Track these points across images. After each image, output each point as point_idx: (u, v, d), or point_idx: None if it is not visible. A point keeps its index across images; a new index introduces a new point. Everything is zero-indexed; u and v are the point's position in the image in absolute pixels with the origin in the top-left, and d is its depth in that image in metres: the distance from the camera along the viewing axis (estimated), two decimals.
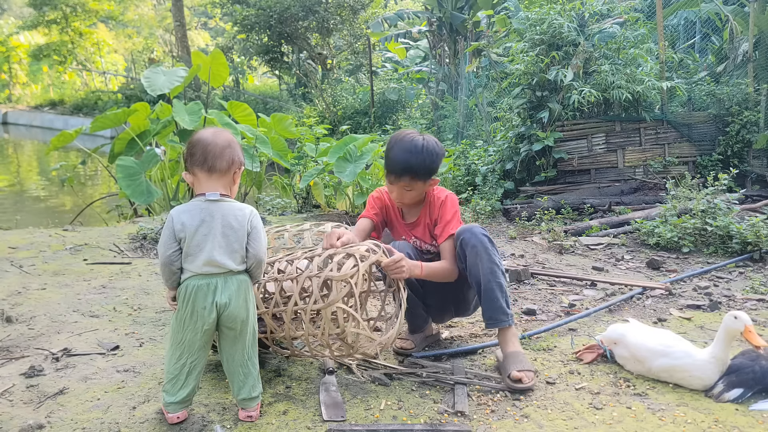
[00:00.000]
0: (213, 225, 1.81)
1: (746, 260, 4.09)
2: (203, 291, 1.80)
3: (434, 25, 14.54)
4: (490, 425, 1.90)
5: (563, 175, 6.73)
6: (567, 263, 4.18)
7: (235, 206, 1.86)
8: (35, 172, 14.03)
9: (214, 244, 1.80)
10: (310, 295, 2.02)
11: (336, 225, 3.00)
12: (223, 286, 1.81)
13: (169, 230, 1.81)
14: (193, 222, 1.80)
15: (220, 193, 1.85)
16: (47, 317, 2.93)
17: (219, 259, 1.80)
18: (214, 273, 1.81)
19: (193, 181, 1.88)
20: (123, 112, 6.34)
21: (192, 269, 1.81)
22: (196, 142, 1.86)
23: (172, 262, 1.80)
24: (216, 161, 1.84)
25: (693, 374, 2.13)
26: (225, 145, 1.86)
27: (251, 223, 1.86)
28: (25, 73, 29.32)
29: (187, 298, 1.81)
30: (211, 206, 1.83)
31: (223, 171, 1.85)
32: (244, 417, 1.91)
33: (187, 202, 1.86)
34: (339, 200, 6.70)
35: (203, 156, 1.83)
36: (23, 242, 4.69)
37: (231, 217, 1.83)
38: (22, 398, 2.08)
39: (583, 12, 6.75)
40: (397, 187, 2.38)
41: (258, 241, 1.86)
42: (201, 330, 1.82)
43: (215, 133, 1.88)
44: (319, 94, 15.55)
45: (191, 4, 29.04)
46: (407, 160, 2.30)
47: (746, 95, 6.87)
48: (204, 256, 1.79)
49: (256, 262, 1.87)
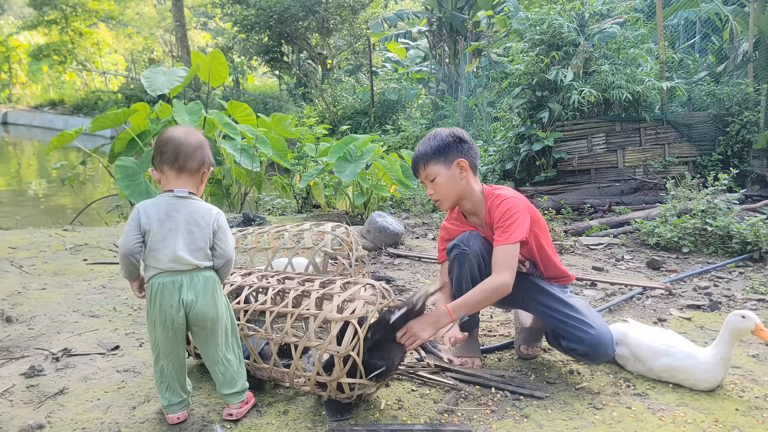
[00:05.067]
0: (178, 221, 1.79)
1: (746, 260, 4.09)
2: (168, 289, 1.78)
3: (434, 25, 14.55)
4: (490, 425, 1.90)
5: (563, 175, 6.73)
6: (567, 263, 4.18)
7: (202, 205, 1.85)
8: (35, 172, 14.03)
9: (177, 239, 1.78)
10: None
11: (336, 225, 3.02)
12: (189, 283, 1.80)
13: (134, 221, 1.78)
14: (159, 215, 1.78)
15: (188, 191, 1.84)
16: (47, 317, 2.93)
17: (183, 255, 1.78)
18: (179, 270, 1.79)
19: (159, 179, 1.86)
20: (123, 112, 6.34)
21: (156, 266, 1.79)
22: (167, 141, 1.83)
23: (134, 254, 1.77)
24: (187, 161, 1.82)
25: (697, 376, 2.12)
26: (197, 146, 1.84)
27: (217, 222, 1.84)
28: (25, 73, 29.31)
29: (153, 296, 1.79)
30: (178, 202, 1.81)
31: (193, 171, 1.85)
32: (225, 415, 1.91)
33: (155, 197, 1.85)
34: (339, 200, 6.70)
35: (174, 155, 1.81)
36: (23, 242, 4.69)
37: (197, 215, 1.82)
38: (22, 398, 2.08)
39: (583, 12, 6.75)
40: (426, 184, 2.31)
41: (225, 240, 1.86)
42: (171, 329, 1.80)
43: (187, 133, 1.86)
44: (319, 94, 15.55)
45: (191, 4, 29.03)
46: (417, 149, 2.29)
47: (746, 95, 6.87)
48: (169, 252, 1.77)
49: (224, 261, 1.86)
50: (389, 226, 4.62)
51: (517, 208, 2.17)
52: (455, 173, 2.24)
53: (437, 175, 2.24)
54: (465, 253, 2.28)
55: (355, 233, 2.98)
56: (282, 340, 1.98)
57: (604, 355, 2.16)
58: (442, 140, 2.25)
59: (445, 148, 2.24)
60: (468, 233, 2.34)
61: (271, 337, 2.01)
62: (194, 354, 2.23)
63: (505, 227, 2.16)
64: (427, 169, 2.25)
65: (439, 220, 5.62)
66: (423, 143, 2.29)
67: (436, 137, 2.27)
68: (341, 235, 2.90)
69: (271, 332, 2.03)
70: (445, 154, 2.24)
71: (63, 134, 6.38)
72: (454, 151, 2.24)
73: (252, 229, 3.09)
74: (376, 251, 4.51)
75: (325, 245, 2.79)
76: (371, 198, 6.13)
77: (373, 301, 1.97)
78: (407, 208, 6.69)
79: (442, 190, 2.27)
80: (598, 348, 2.12)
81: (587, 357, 2.18)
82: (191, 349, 2.20)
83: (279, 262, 3.01)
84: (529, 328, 2.50)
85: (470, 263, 2.27)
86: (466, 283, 2.26)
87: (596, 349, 2.13)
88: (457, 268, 2.30)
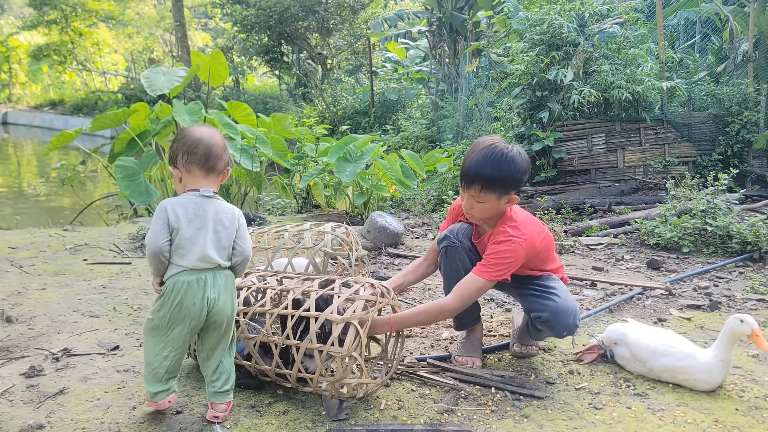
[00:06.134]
0: (206, 220, 1.81)
1: (746, 260, 4.09)
2: (194, 287, 1.79)
3: (434, 25, 14.56)
4: (490, 425, 1.90)
5: (563, 175, 6.73)
6: (567, 263, 4.18)
7: (225, 205, 1.88)
8: (35, 172, 14.03)
9: (206, 239, 1.80)
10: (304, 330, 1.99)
11: (336, 225, 3.01)
12: (213, 281, 1.82)
13: (162, 220, 1.78)
14: (188, 214, 1.80)
15: (213, 190, 1.86)
16: (47, 317, 2.93)
17: (210, 254, 1.80)
18: (203, 268, 1.81)
19: (182, 177, 1.86)
20: (123, 112, 6.33)
21: (183, 264, 1.79)
22: (197, 141, 1.84)
23: (163, 252, 1.77)
24: (217, 162, 1.86)
25: (697, 377, 2.13)
26: (224, 146, 1.89)
27: (239, 221, 1.89)
28: (25, 73, 29.31)
29: (176, 294, 1.79)
30: (204, 202, 1.83)
31: (220, 171, 1.89)
32: (211, 417, 1.90)
33: (180, 195, 1.86)
34: (339, 200, 6.70)
35: (206, 156, 1.83)
36: (23, 242, 4.69)
37: (222, 214, 1.85)
38: (22, 398, 2.08)
39: (583, 12, 6.75)
40: (468, 196, 2.17)
41: (245, 239, 1.90)
42: (189, 325, 1.81)
43: (213, 134, 1.88)
44: (319, 94, 15.55)
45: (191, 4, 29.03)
46: (480, 165, 2.09)
47: (746, 95, 6.87)
48: (198, 251, 1.79)
49: (243, 258, 1.89)
50: (389, 226, 4.62)
51: (511, 253, 2.12)
52: (502, 204, 2.17)
53: (487, 201, 2.14)
54: (454, 246, 2.33)
55: (355, 233, 2.98)
56: (283, 343, 1.98)
57: (563, 324, 2.18)
58: (513, 175, 2.09)
59: (512, 184, 2.11)
60: (459, 225, 2.37)
61: (273, 339, 2.01)
62: (193, 355, 2.24)
63: (491, 264, 2.14)
64: (481, 193, 2.12)
65: (439, 220, 5.62)
66: (492, 164, 2.08)
67: (511, 167, 2.08)
68: (341, 235, 2.90)
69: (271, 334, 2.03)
70: (508, 188, 2.11)
71: (63, 134, 6.37)
72: (518, 185, 2.14)
73: (252, 229, 3.09)
74: (376, 251, 4.51)
75: (325, 245, 2.79)
76: (371, 198, 6.13)
77: (373, 301, 1.97)
78: (407, 208, 6.69)
79: (481, 212, 2.21)
80: (558, 315, 2.16)
81: (548, 324, 2.20)
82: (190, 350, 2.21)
83: (279, 262, 3.01)
84: (522, 326, 2.50)
85: (460, 256, 2.32)
86: (455, 273, 2.32)
87: (556, 315, 2.16)
88: (445, 260, 2.37)
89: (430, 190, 7.14)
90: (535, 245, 2.21)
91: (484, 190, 2.11)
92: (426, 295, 3.43)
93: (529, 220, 2.25)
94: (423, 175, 6.59)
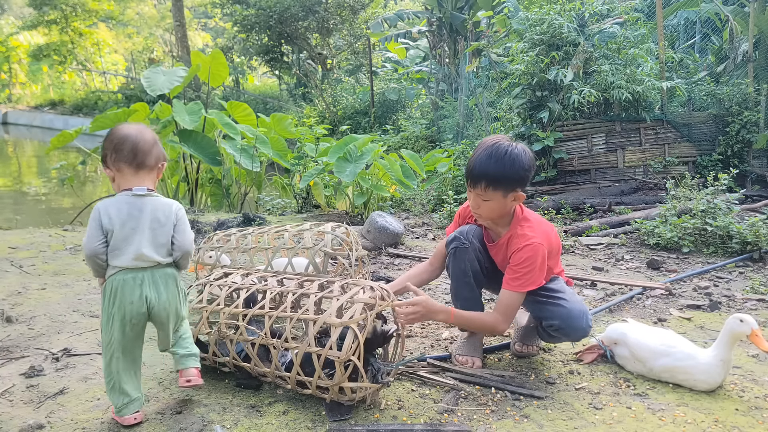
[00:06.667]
0: (141, 219, 1.82)
1: (746, 260, 4.09)
2: (130, 285, 1.80)
3: (434, 25, 14.56)
4: (490, 425, 1.90)
5: (563, 175, 6.73)
6: (567, 263, 4.18)
7: (161, 201, 1.88)
8: (35, 172, 14.03)
9: (142, 238, 1.81)
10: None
11: (336, 225, 3.01)
12: (151, 279, 1.83)
13: (95, 222, 1.80)
14: (121, 216, 1.80)
15: (147, 188, 1.86)
16: (47, 317, 2.93)
17: (147, 253, 1.81)
18: (140, 267, 1.82)
19: (114, 176, 1.86)
20: (123, 112, 6.34)
21: (119, 264, 1.81)
22: (123, 138, 1.83)
23: (98, 255, 1.80)
24: (146, 158, 1.85)
25: (697, 377, 2.12)
26: (153, 142, 1.88)
27: (176, 215, 1.88)
28: (25, 73, 29.32)
29: (113, 293, 1.81)
30: (138, 201, 1.83)
31: (152, 167, 1.87)
32: (184, 383, 1.92)
33: (113, 196, 1.87)
34: (339, 200, 6.70)
35: (133, 152, 1.83)
36: (23, 242, 4.69)
37: (158, 212, 1.85)
38: (22, 398, 2.08)
39: (583, 12, 6.75)
40: (474, 194, 2.17)
41: (184, 233, 1.89)
42: (129, 324, 1.82)
43: (141, 130, 1.88)
44: (319, 94, 15.56)
45: (191, 4, 29.04)
46: (485, 164, 2.10)
47: (746, 95, 6.87)
48: (133, 250, 1.80)
49: (182, 253, 1.89)
50: (389, 226, 4.62)
51: (536, 258, 2.12)
52: (509, 201, 2.17)
53: (493, 199, 2.15)
54: (464, 247, 2.32)
55: (355, 233, 2.98)
56: (282, 346, 1.98)
57: (576, 328, 2.19)
58: (517, 172, 2.10)
59: (517, 181, 2.12)
60: (468, 227, 2.37)
61: (272, 342, 2.01)
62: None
63: (520, 275, 2.15)
64: (486, 191, 2.13)
65: (439, 220, 5.62)
66: (496, 162, 2.09)
67: (515, 164, 2.09)
68: (341, 235, 2.90)
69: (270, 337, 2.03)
70: (513, 185, 2.12)
71: (63, 134, 6.38)
72: (523, 182, 2.14)
73: (252, 229, 3.09)
74: (376, 251, 4.51)
75: (325, 245, 2.79)
76: (371, 198, 6.13)
77: (372, 305, 1.97)
78: (407, 208, 6.69)
79: (488, 211, 2.21)
80: (570, 321, 2.17)
81: (562, 331, 2.22)
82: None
83: (279, 262, 3.01)
84: (525, 326, 2.51)
85: (470, 257, 2.31)
86: (462, 275, 2.32)
87: (568, 322, 2.17)
88: (454, 260, 2.36)
89: (430, 190, 7.14)
90: (552, 244, 2.23)
91: (490, 187, 2.12)
92: None
93: (541, 220, 2.27)
94: (423, 175, 6.59)
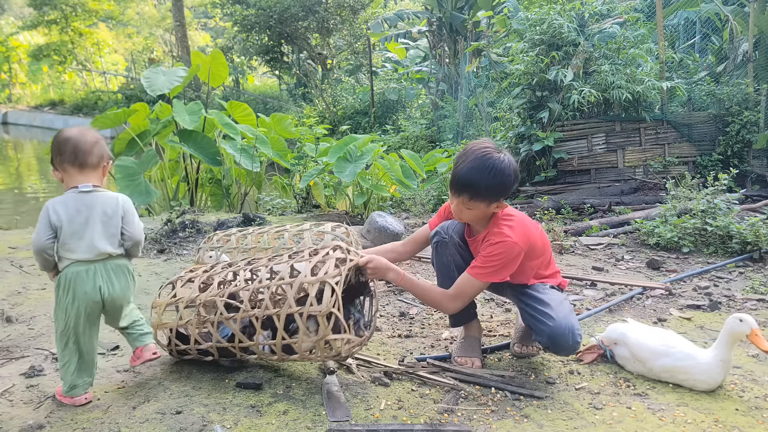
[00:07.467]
0: (90, 214, 1.93)
1: (746, 260, 4.09)
2: (82, 277, 1.92)
3: (434, 25, 14.56)
4: (490, 425, 1.90)
5: (563, 175, 6.73)
6: (567, 263, 4.18)
7: (107, 195, 1.99)
8: (35, 172, 14.03)
9: (93, 231, 1.93)
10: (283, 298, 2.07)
11: (336, 225, 3.01)
12: (104, 270, 1.96)
13: (44, 220, 1.91)
14: (69, 212, 1.92)
15: (92, 184, 1.97)
16: (47, 317, 2.93)
17: (99, 246, 1.93)
18: (92, 259, 1.94)
19: (62, 178, 1.98)
20: (123, 112, 6.34)
21: (71, 257, 1.92)
22: (65, 141, 1.95)
23: (45, 249, 1.91)
24: (87, 157, 1.96)
25: (697, 377, 2.12)
26: (93, 142, 1.98)
27: (123, 207, 2.00)
28: (25, 73, 29.33)
29: (67, 284, 1.92)
30: (85, 197, 1.95)
31: (94, 166, 1.98)
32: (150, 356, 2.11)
33: (62, 195, 1.97)
34: (339, 200, 6.70)
35: (74, 153, 1.94)
36: (23, 242, 4.69)
37: (105, 205, 1.96)
38: (22, 398, 2.08)
39: (583, 12, 6.75)
40: (457, 201, 2.18)
41: (132, 223, 2.01)
42: (84, 313, 1.94)
43: (82, 132, 1.99)
44: (319, 94, 15.56)
45: (191, 4, 29.04)
46: (470, 176, 2.09)
47: (746, 95, 6.87)
48: (86, 243, 1.92)
49: (133, 243, 2.02)
50: (389, 226, 4.62)
51: (507, 255, 2.13)
52: (491, 209, 2.19)
53: (475, 207, 2.16)
54: (444, 242, 2.38)
55: (355, 233, 2.98)
56: (264, 314, 2.04)
57: (563, 347, 2.18)
58: (503, 184, 2.10)
59: (501, 193, 2.12)
60: (450, 222, 2.42)
61: (253, 313, 2.06)
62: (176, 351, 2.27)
63: (486, 265, 2.16)
64: (470, 201, 2.14)
65: None
66: (482, 175, 2.08)
67: (500, 178, 2.08)
68: (341, 235, 2.90)
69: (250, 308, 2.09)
70: (497, 196, 2.13)
71: None
72: (507, 193, 2.15)
73: (252, 229, 3.09)
74: None
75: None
76: (371, 198, 6.13)
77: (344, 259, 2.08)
78: (407, 208, 6.69)
79: (471, 217, 2.24)
80: (555, 339, 2.16)
81: (550, 349, 2.25)
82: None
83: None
84: (525, 326, 2.50)
85: (450, 251, 2.37)
86: (446, 269, 2.38)
87: (554, 341, 2.16)
88: (436, 255, 2.42)
89: (430, 190, 7.14)
90: (531, 243, 2.21)
91: (474, 199, 2.13)
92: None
93: (524, 219, 2.26)
94: (423, 175, 6.60)
